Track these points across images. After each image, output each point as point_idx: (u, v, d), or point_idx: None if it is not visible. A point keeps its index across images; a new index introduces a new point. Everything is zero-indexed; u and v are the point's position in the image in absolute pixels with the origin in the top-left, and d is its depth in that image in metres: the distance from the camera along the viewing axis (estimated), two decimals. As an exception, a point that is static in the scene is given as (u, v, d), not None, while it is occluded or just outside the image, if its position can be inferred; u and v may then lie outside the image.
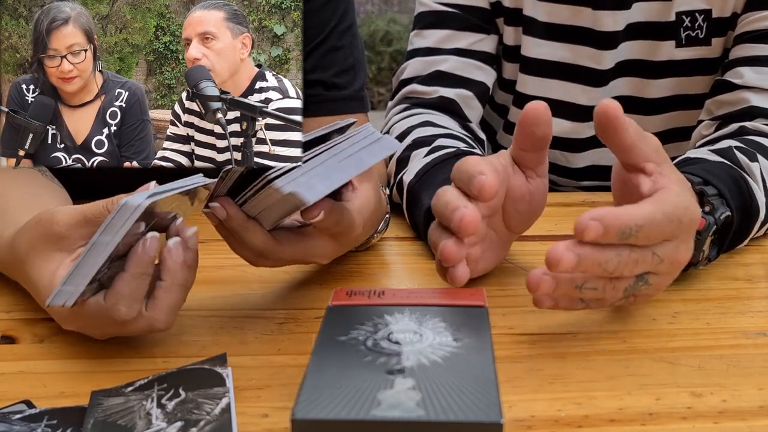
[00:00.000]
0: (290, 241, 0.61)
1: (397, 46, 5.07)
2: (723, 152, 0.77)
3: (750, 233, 0.75)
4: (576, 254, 0.54)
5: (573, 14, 0.98)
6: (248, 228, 0.59)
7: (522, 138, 0.64)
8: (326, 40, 0.95)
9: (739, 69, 0.90)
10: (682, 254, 0.58)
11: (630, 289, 0.58)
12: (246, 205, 0.58)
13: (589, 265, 0.54)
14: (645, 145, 0.60)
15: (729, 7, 0.94)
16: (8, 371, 0.56)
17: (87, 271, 0.51)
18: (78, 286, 0.51)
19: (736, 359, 0.57)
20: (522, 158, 0.65)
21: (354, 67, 0.98)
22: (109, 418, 0.48)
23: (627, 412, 0.51)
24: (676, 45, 0.97)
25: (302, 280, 0.72)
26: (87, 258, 0.51)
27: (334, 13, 0.95)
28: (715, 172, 0.71)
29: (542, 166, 0.66)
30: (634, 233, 0.54)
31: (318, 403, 0.42)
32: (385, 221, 0.77)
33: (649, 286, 0.58)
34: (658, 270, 0.58)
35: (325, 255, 0.64)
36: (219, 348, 0.58)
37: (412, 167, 0.84)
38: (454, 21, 1.01)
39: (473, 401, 0.42)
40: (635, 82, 1.01)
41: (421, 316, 0.53)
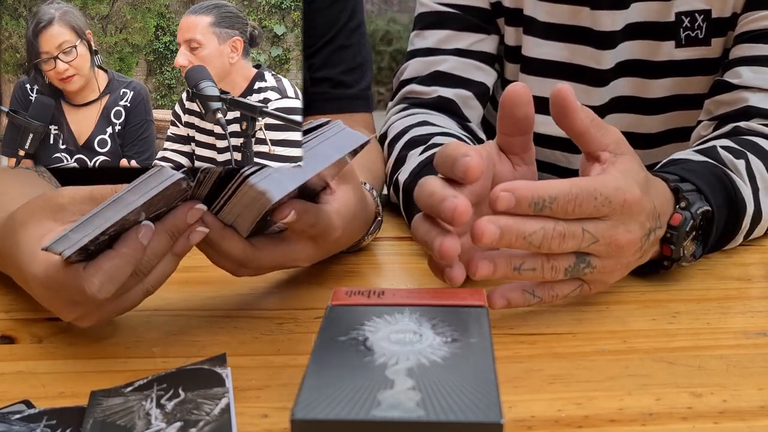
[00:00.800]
0: (268, 247, 0.61)
1: (397, 46, 5.08)
2: (706, 151, 0.78)
3: (740, 229, 0.75)
4: (498, 227, 0.54)
5: (572, 14, 0.99)
6: (225, 236, 0.58)
7: (504, 121, 0.63)
8: (335, 39, 0.95)
9: (737, 69, 0.90)
10: (621, 236, 0.59)
11: (572, 271, 0.58)
12: (221, 212, 0.58)
13: (513, 237, 0.55)
14: (601, 134, 0.61)
15: (729, 7, 0.94)
16: (7, 371, 0.56)
17: (100, 223, 0.50)
18: (85, 236, 0.50)
19: (736, 359, 0.57)
20: (507, 144, 0.65)
21: (362, 65, 0.98)
22: (109, 419, 0.48)
23: (627, 412, 0.51)
24: (675, 45, 0.97)
25: (302, 280, 0.72)
26: (104, 211, 0.50)
27: (343, 11, 0.96)
28: (695, 170, 0.71)
29: (529, 153, 0.66)
30: (548, 205, 0.55)
31: (318, 403, 0.42)
32: (377, 223, 0.76)
33: (593, 269, 0.59)
34: (598, 251, 0.58)
35: (306, 258, 0.64)
36: (218, 348, 0.58)
37: (407, 166, 0.84)
38: (454, 21, 1.01)
39: (473, 401, 0.41)
40: (635, 82, 1.01)
41: (420, 316, 0.53)
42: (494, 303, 0.60)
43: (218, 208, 0.57)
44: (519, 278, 0.58)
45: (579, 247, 0.57)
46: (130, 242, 0.52)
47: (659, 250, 0.67)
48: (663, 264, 0.69)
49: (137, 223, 0.53)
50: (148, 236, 0.53)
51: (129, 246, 0.52)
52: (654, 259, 0.67)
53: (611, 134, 0.62)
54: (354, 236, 0.71)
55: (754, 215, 0.75)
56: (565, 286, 0.61)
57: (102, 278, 0.52)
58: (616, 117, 1.03)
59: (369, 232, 0.75)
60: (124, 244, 0.52)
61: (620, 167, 0.60)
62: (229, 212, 0.57)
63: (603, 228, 0.58)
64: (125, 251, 0.52)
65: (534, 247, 0.56)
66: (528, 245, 0.56)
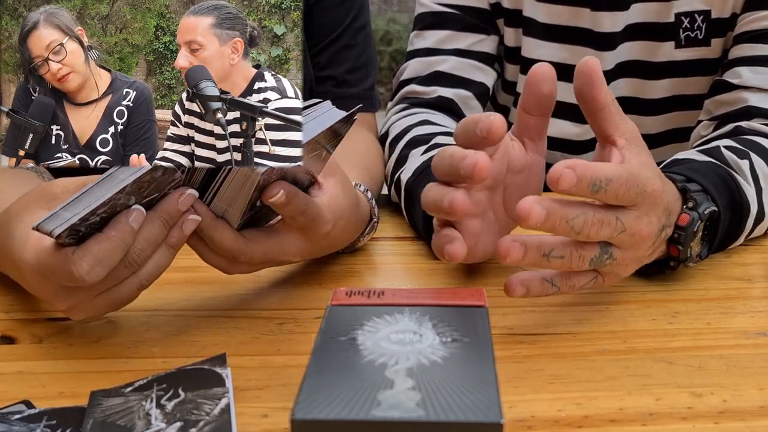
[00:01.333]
0: (260, 239, 0.61)
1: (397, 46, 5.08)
2: (710, 151, 0.77)
3: (744, 229, 0.75)
4: (544, 207, 0.54)
5: (572, 15, 0.98)
6: (217, 227, 0.58)
7: (528, 98, 0.64)
8: (340, 38, 0.96)
9: (737, 69, 0.90)
10: (644, 227, 0.59)
11: (596, 261, 0.58)
12: (213, 203, 0.58)
13: (557, 220, 0.54)
14: (620, 118, 0.61)
15: (728, 7, 0.94)
16: (7, 371, 0.56)
17: (90, 201, 0.50)
18: (75, 215, 0.50)
19: (736, 359, 0.57)
20: (524, 125, 0.66)
21: (366, 65, 0.98)
22: (109, 419, 0.48)
23: (627, 412, 0.51)
24: (675, 46, 0.97)
25: (302, 280, 0.72)
26: (95, 189, 0.50)
27: (349, 11, 0.96)
28: (700, 170, 0.71)
29: (542, 143, 0.67)
30: (604, 186, 0.55)
31: (318, 403, 0.42)
32: (372, 225, 0.76)
33: (613, 260, 0.59)
34: (621, 242, 0.58)
35: (298, 252, 0.64)
36: (218, 348, 0.58)
37: (409, 165, 0.84)
38: (453, 22, 1.02)
39: (473, 401, 0.41)
40: (635, 83, 1.01)
41: (421, 316, 0.53)
42: (514, 290, 0.59)
43: (209, 199, 0.58)
44: (546, 266, 0.57)
45: (611, 235, 0.57)
46: (119, 226, 0.52)
47: (665, 251, 0.67)
48: (669, 264, 0.68)
49: (128, 207, 0.53)
50: (139, 220, 0.53)
51: (118, 229, 0.52)
52: (659, 259, 0.67)
53: (630, 123, 0.62)
54: (347, 234, 0.71)
55: (758, 215, 0.75)
56: (582, 277, 0.60)
57: (91, 261, 0.51)
58: None
59: (364, 233, 0.75)
60: (114, 228, 0.52)
61: (640, 158, 0.60)
62: (220, 200, 0.58)
63: (631, 217, 0.58)
64: (114, 234, 0.52)
65: (574, 233, 0.55)
66: (569, 230, 0.55)
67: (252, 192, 0.57)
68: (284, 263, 0.67)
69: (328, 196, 0.64)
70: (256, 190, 0.57)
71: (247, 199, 0.57)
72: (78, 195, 0.51)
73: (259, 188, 0.57)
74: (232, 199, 0.57)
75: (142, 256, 0.55)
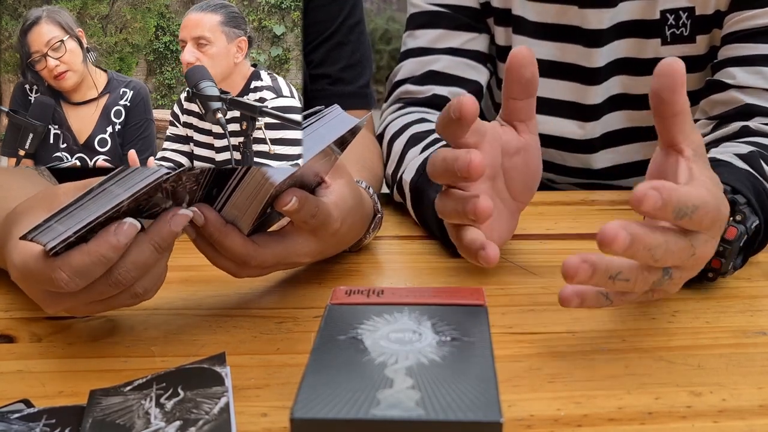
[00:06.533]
0: (270, 243, 0.61)
1: (396, 45, 5.07)
2: (748, 159, 0.75)
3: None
4: (629, 233, 0.49)
5: (560, 13, 0.99)
6: (227, 233, 0.57)
7: (511, 85, 0.65)
8: (334, 35, 0.96)
9: (729, 69, 0.91)
10: (709, 250, 0.56)
11: (657, 283, 0.55)
12: (224, 210, 0.57)
13: (639, 247, 0.50)
14: (692, 127, 0.58)
15: (711, 4, 0.95)
16: (6, 370, 0.56)
17: (84, 216, 0.49)
18: (68, 229, 0.49)
19: (735, 358, 0.57)
20: (513, 111, 0.66)
21: (360, 62, 0.98)
22: (108, 418, 0.48)
23: (626, 411, 0.51)
24: (662, 43, 0.98)
25: (301, 279, 0.72)
26: (89, 204, 0.49)
27: (343, 9, 0.96)
28: (742, 181, 0.69)
29: (532, 122, 0.67)
30: (689, 214, 0.51)
31: (317, 402, 0.42)
32: (377, 221, 0.76)
33: (671, 280, 0.55)
34: (685, 264, 0.55)
35: (308, 254, 0.64)
36: (218, 347, 0.59)
37: (411, 165, 0.84)
38: (445, 20, 1.02)
39: (473, 400, 0.41)
40: (628, 79, 1.02)
41: (420, 315, 0.53)
42: (569, 301, 0.54)
43: (221, 205, 0.57)
44: (609, 287, 0.53)
45: (683, 261, 0.54)
46: (101, 242, 0.51)
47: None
48: (707, 276, 0.67)
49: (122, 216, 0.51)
50: (129, 234, 0.51)
51: (101, 245, 0.50)
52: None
53: (698, 134, 0.58)
54: (354, 233, 0.71)
55: None
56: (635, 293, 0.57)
57: (69, 272, 0.51)
58: (616, 114, 1.04)
59: (370, 229, 0.76)
60: (96, 242, 0.51)
61: (707, 173, 0.57)
62: (232, 207, 0.57)
63: (701, 241, 0.54)
64: (95, 250, 0.50)
65: (652, 261, 0.52)
66: (649, 258, 0.51)
67: (266, 200, 0.57)
68: (295, 266, 0.67)
69: (335, 195, 0.64)
70: (269, 199, 0.57)
71: (259, 207, 0.57)
72: (72, 206, 0.49)
73: (272, 196, 0.57)
74: (244, 207, 0.57)
75: (127, 278, 0.53)
